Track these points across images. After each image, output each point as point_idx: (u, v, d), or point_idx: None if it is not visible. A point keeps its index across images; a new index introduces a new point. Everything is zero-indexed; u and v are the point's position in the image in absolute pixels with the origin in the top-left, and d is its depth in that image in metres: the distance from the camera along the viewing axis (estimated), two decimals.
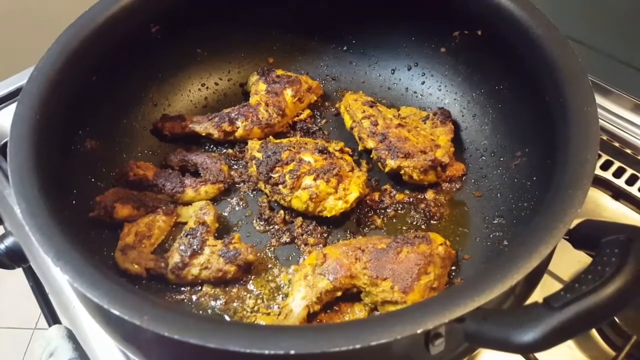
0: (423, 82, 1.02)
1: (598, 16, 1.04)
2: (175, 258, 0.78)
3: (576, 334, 0.51)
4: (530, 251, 0.54)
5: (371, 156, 0.90)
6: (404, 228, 0.86)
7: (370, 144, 0.89)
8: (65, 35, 0.78)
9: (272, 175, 0.85)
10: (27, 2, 1.31)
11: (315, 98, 1.03)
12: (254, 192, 0.91)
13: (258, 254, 0.82)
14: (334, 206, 0.83)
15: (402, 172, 0.87)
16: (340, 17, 1.02)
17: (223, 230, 0.86)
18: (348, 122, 0.94)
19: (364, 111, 0.92)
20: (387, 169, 0.87)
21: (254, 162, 0.87)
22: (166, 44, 0.95)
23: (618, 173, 0.93)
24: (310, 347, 0.48)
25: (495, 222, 0.83)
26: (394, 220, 0.87)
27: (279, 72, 1.02)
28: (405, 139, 0.88)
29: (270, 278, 0.80)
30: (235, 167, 0.94)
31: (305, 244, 0.84)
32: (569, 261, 0.80)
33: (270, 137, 0.94)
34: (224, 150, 0.97)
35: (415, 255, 0.74)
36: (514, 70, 0.84)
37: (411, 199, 0.89)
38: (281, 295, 0.78)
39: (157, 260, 0.79)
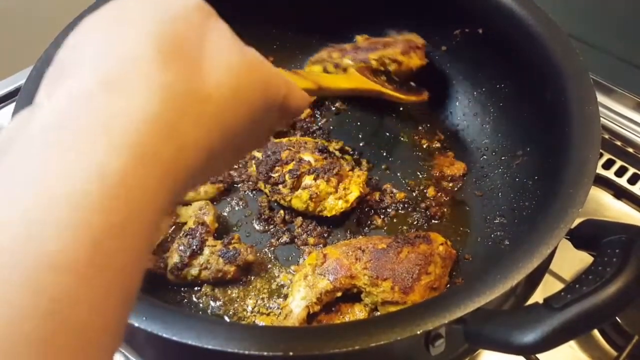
0: None
1: (600, 14, 1.03)
2: (174, 258, 0.78)
3: (577, 335, 0.51)
4: (531, 251, 0.54)
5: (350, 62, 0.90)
6: (405, 228, 0.85)
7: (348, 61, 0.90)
8: (63, 35, 0.78)
9: (272, 175, 0.84)
10: (26, 2, 1.30)
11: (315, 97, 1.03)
12: (254, 192, 0.91)
13: (258, 254, 0.81)
14: (334, 206, 0.82)
15: (387, 63, 0.87)
16: (341, 15, 1.02)
17: (223, 230, 0.85)
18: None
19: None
20: (375, 66, 0.88)
21: (253, 161, 0.87)
22: None
23: (620, 172, 0.93)
24: (310, 348, 0.48)
25: (497, 221, 0.83)
26: (395, 220, 0.86)
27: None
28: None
29: (270, 278, 0.80)
30: (235, 166, 0.94)
31: (305, 244, 0.84)
32: (571, 261, 0.80)
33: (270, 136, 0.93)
34: None
35: (416, 255, 0.74)
36: (515, 69, 0.84)
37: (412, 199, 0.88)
38: (281, 296, 0.78)
39: (157, 260, 0.79)
